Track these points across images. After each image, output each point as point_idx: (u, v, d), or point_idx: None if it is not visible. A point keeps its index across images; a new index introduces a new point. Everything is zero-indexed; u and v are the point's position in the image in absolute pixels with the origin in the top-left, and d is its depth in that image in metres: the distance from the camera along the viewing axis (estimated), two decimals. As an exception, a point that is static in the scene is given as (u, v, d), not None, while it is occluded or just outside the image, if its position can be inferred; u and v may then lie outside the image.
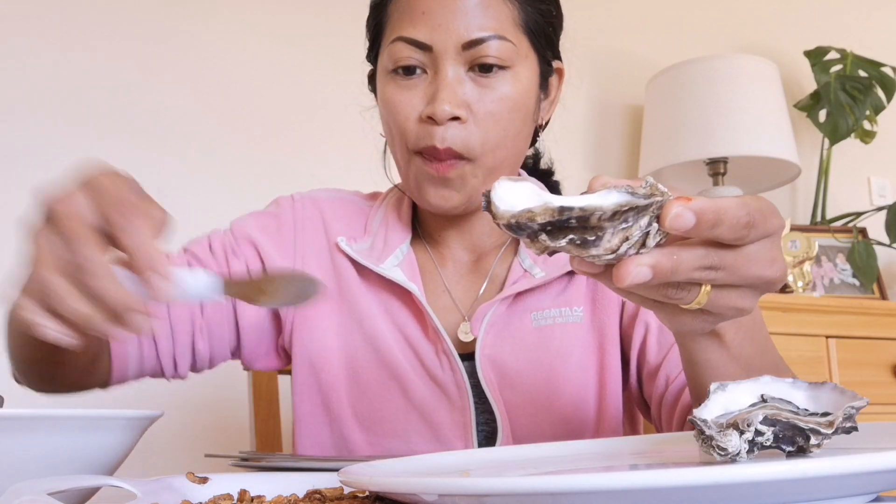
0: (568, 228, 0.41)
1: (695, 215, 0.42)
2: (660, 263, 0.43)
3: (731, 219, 0.44)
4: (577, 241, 0.41)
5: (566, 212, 0.40)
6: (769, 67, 2.18)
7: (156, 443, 1.56)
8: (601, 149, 2.38)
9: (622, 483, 0.32)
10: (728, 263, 0.46)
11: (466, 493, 0.35)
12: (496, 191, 0.42)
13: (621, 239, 0.42)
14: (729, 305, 0.49)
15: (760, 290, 0.50)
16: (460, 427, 0.85)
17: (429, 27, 0.80)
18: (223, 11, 1.93)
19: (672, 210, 0.42)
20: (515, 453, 0.58)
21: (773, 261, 0.48)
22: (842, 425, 0.43)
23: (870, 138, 2.37)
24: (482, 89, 0.82)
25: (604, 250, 0.42)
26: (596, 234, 0.41)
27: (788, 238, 2.11)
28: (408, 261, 0.90)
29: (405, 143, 0.84)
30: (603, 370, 0.87)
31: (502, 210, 0.41)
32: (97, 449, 0.52)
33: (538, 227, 0.41)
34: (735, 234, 0.45)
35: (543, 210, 0.40)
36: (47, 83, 1.74)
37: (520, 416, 0.85)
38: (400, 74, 0.83)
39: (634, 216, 0.41)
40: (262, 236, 0.92)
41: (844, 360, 1.94)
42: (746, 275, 0.47)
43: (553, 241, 0.41)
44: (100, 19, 1.80)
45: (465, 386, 0.85)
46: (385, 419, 0.87)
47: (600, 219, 0.41)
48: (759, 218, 0.45)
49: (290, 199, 0.96)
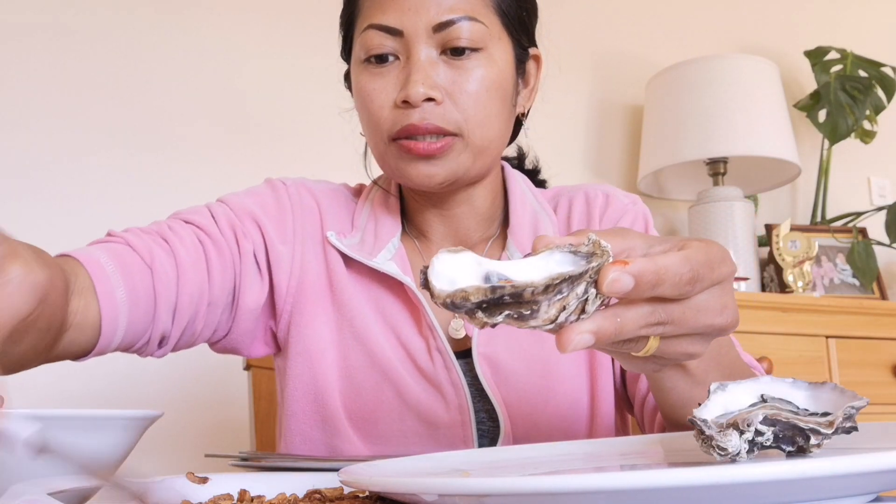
0: (504, 304, 0.41)
1: (633, 279, 0.42)
2: (602, 328, 0.43)
3: (672, 277, 0.43)
4: (514, 315, 0.42)
5: (498, 290, 0.41)
6: (769, 67, 2.18)
7: (156, 443, 1.56)
8: (601, 149, 2.38)
9: (622, 483, 0.32)
10: (675, 318, 0.46)
11: (466, 493, 0.35)
12: (433, 267, 0.42)
13: (559, 309, 0.42)
14: (679, 352, 0.49)
15: (712, 336, 0.49)
16: (459, 426, 0.84)
17: (398, 12, 0.80)
18: (216, 11, 1.93)
19: (609, 275, 0.41)
20: (515, 453, 0.58)
21: (723, 308, 0.48)
22: (842, 425, 0.43)
23: (870, 138, 2.37)
24: (456, 71, 0.81)
25: (542, 321, 0.42)
26: (531, 308, 0.42)
27: (788, 238, 2.11)
28: (399, 255, 0.89)
29: (381, 132, 0.83)
30: (594, 367, 0.87)
31: (438, 289, 0.42)
32: (97, 449, 0.52)
33: (473, 305, 0.41)
34: (678, 290, 0.44)
35: (476, 290, 0.41)
36: (48, 83, 1.74)
37: (515, 414, 0.85)
38: (372, 63, 0.82)
39: (569, 285, 0.42)
40: (264, 216, 0.88)
41: (844, 360, 1.94)
42: (695, 326, 0.47)
43: (490, 318, 0.42)
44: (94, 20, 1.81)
45: (461, 384, 0.84)
46: (380, 420, 0.86)
47: (533, 293, 0.41)
48: (706, 270, 0.45)
49: (282, 183, 0.93)
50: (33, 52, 1.74)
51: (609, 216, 0.92)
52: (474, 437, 0.84)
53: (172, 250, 0.79)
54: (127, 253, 0.76)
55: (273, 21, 1.98)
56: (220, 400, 1.74)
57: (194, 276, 0.80)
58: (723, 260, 0.47)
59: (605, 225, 0.92)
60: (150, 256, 0.77)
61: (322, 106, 1.11)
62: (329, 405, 0.86)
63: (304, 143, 1.94)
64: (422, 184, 0.83)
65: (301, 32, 1.98)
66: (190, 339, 0.84)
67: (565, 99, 2.29)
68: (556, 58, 0.95)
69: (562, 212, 0.94)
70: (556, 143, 2.27)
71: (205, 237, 0.83)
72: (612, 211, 0.92)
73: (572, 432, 0.86)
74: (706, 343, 0.50)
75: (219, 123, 1.88)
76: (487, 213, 0.92)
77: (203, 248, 0.82)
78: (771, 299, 1.91)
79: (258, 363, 1.27)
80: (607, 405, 0.87)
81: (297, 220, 0.90)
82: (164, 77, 1.84)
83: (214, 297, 0.83)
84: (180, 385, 1.73)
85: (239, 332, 0.87)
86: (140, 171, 1.78)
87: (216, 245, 0.83)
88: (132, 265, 0.75)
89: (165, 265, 0.78)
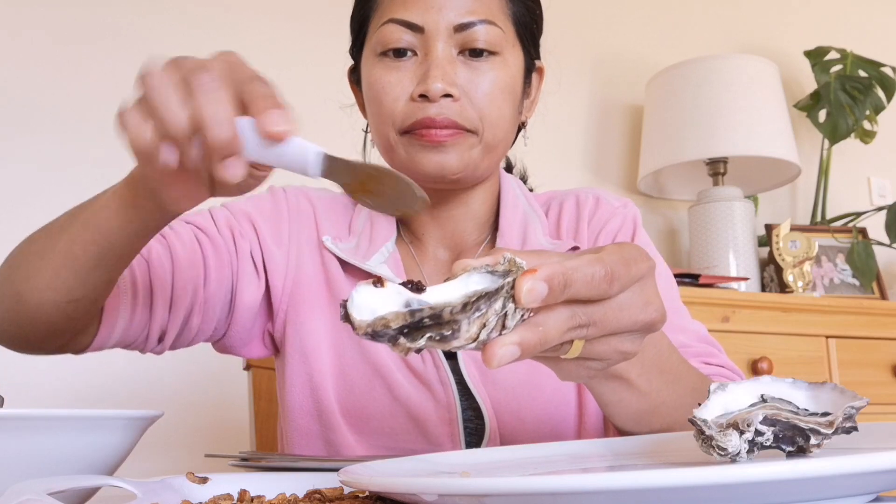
0: (424, 327, 0.42)
1: (545, 283, 0.42)
2: (525, 339, 0.43)
3: (582, 277, 0.43)
4: (435, 337, 0.42)
5: (417, 313, 0.41)
6: (769, 67, 2.19)
7: (156, 443, 1.56)
8: (601, 149, 2.38)
9: (622, 483, 0.32)
10: (597, 318, 0.46)
11: (466, 493, 0.35)
12: (353, 300, 0.43)
13: (479, 326, 0.42)
14: (609, 351, 0.49)
15: (641, 333, 0.49)
16: (446, 424, 0.85)
17: (421, 9, 0.82)
18: (216, 5, 1.93)
19: (523, 286, 0.42)
20: (515, 453, 0.58)
21: (646, 304, 0.48)
22: (842, 425, 0.43)
23: (870, 138, 2.37)
24: (473, 72, 0.83)
25: (465, 340, 0.42)
26: (452, 328, 0.42)
27: (788, 238, 2.12)
28: (393, 258, 0.90)
29: (393, 125, 0.84)
30: None
31: (359, 320, 0.42)
32: (97, 449, 0.52)
33: (395, 331, 0.42)
34: (594, 290, 0.44)
35: (395, 315, 0.41)
36: (48, 84, 1.74)
37: (502, 413, 0.85)
38: (389, 56, 0.83)
39: (487, 302, 0.42)
40: (259, 218, 0.90)
41: (844, 360, 1.94)
42: (619, 324, 0.47)
43: (413, 343, 0.42)
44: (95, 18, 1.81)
45: (448, 382, 0.85)
46: (372, 417, 0.87)
47: (452, 312, 0.41)
48: (621, 268, 0.45)
49: (281, 190, 0.95)
50: (32, 50, 1.74)
51: (598, 218, 0.93)
52: (461, 435, 0.85)
53: (169, 245, 0.82)
54: None
55: (272, 14, 1.98)
56: (220, 400, 1.74)
57: (190, 271, 0.82)
58: (638, 258, 0.47)
59: (593, 227, 0.93)
60: (147, 250, 0.80)
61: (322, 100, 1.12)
62: (324, 401, 0.88)
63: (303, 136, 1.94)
64: (433, 173, 0.84)
65: (301, 26, 1.99)
66: (188, 335, 0.85)
67: (565, 99, 2.29)
68: (557, 58, 0.96)
69: (552, 215, 0.95)
70: (556, 143, 2.27)
71: (202, 235, 0.85)
72: (601, 213, 0.93)
73: (560, 431, 0.86)
74: (637, 341, 0.50)
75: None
76: (483, 216, 0.93)
77: (200, 245, 0.84)
78: (771, 299, 1.91)
79: (258, 363, 1.27)
80: (595, 404, 0.87)
81: (292, 224, 0.92)
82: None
83: (210, 293, 0.84)
84: (180, 385, 1.73)
85: (237, 331, 0.89)
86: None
87: (213, 243, 0.85)
88: None
89: (162, 258, 0.80)
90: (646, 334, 0.50)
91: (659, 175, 2.28)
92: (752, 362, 1.81)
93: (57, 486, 0.44)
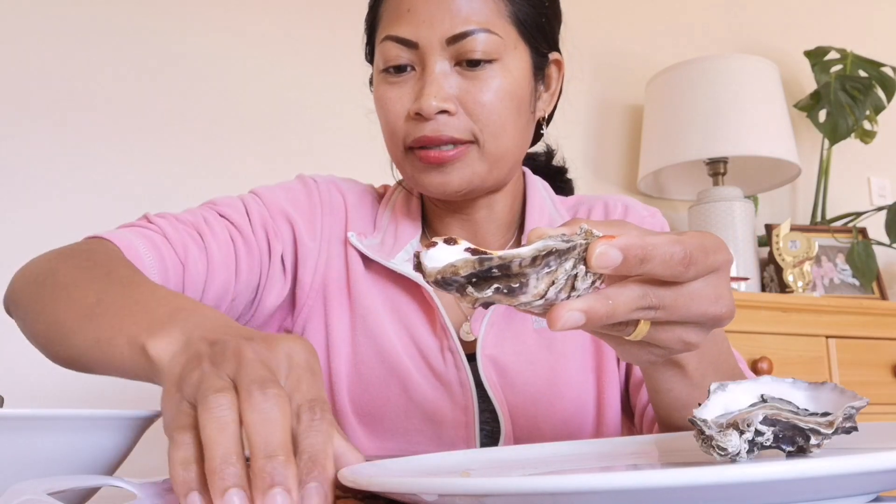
0: (492, 278, 0.42)
1: (621, 252, 0.42)
2: (592, 308, 0.43)
3: (661, 254, 0.43)
4: (503, 289, 0.42)
5: (486, 262, 0.41)
6: (769, 67, 2.18)
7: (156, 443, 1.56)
8: (601, 149, 2.38)
9: (622, 483, 0.32)
10: (668, 303, 0.46)
11: (466, 493, 0.35)
12: (426, 252, 0.43)
13: (547, 284, 0.42)
14: (673, 340, 0.49)
15: (707, 327, 0.49)
16: (462, 426, 0.85)
17: (414, 24, 0.81)
18: (245, 12, 1.93)
19: (596, 249, 0.42)
20: (515, 453, 0.58)
21: (717, 298, 0.47)
22: (842, 425, 0.43)
23: (870, 138, 2.37)
24: (470, 82, 0.81)
25: (532, 297, 0.43)
26: (520, 280, 0.42)
27: (788, 238, 2.11)
28: None
29: (398, 141, 0.84)
30: (601, 373, 0.87)
31: (430, 268, 0.43)
32: (97, 449, 0.52)
33: (463, 279, 0.42)
34: (670, 270, 0.44)
35: (464, 263, 0.41)
36: (48, 84, 1.74)
37: (520, 417, 0.85)
38: (391, 73, 0.83)
39: (557, 260, 0.42)
40: (296, 213, 0.90)
41: (844, 360, 1.94)
42: (688, 313, 0.46)
43: (480, 293, 0.42)
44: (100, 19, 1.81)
45: (468, 384, 0.85)
46: (386, 417, 0.87)
47: (521, 265, 0.41)
48: (699, 254, 0.45)
49: (313, 180, 0.94)
50: (35, 51, 1.74)
51: None
52: (476, 437, 0.85)
53: (206, 246, 0.81)
54: (163, 244, 0.78)
55: (302, 21, 1.98)
56: (220, 400, 1.74)
57: (223, 274, 0.82)
58: (718, 248, 0.47)
59: None
60: (185, 252, 0.79)
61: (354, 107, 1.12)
62: (337, 402, 0.88)
63: (333, 142, 1.95)
64: (436, 192, 0.84)
65: (330, 33, 1.99)
66: None
67: (565, 99, 2.29)
68: (567, 57, 0.96)
69: None
70: (557, 143, 2.27)
71: (237, 235, 0.85)
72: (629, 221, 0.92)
73: (576, 438, 0.86)
74: (702, 334, 0.49)
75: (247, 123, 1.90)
76: (507, 219, 0.93)
77: (234, 246, 0.84)
78: (771, 299, 1.91)
79: (258, 363, 1.26)
80: (613, 412, 0.87)
81: (325, 218, 0.92)
82: (193, 78, 1.85)
83: (238, 292, 0.85)
84: (180, 385, 1.72)
85: (255, 326, 0.89)
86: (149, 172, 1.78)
87: (247, 244, 0.85)
88: (167, 258, 0.77)
89: (198, 263, 0.80)
90: (711, 328, 0.49)
91: (659, 175, 2.28)
92: (752, 362, 1.81)
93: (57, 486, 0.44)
